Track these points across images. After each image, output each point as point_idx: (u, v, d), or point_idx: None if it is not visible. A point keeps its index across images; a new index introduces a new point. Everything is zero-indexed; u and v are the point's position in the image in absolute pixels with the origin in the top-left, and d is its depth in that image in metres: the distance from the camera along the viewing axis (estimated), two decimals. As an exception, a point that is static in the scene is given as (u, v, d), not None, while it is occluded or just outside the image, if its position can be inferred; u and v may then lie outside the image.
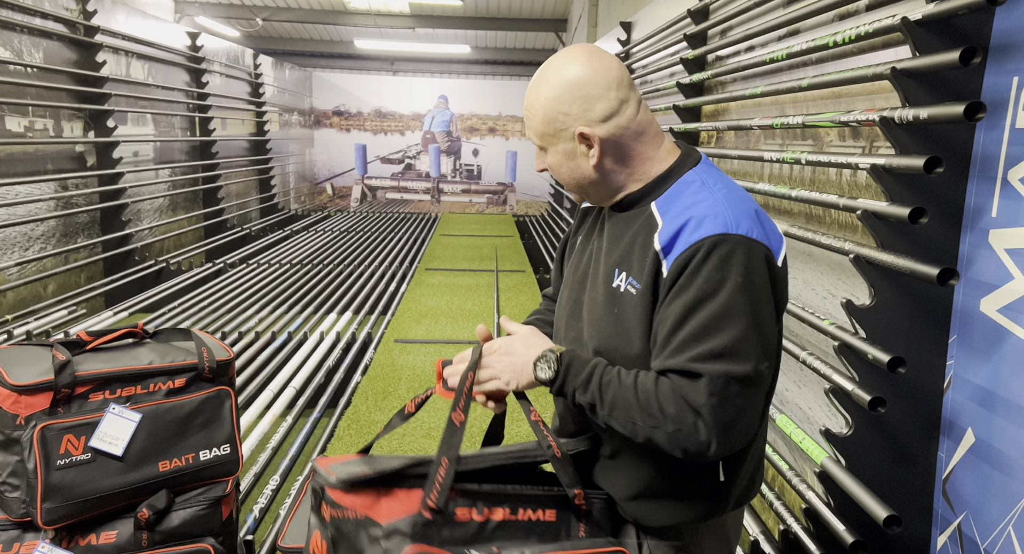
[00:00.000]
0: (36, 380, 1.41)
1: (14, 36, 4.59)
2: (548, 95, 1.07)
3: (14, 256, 4.57)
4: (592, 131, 1.06)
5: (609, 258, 1.11)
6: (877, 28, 1.73)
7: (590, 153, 1.08)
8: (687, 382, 0.98)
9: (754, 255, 0.99)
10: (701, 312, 0.97)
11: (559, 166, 1.12)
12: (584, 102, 1.06)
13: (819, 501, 1.87)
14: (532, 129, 1.12)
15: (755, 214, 1.03)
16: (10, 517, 1.41)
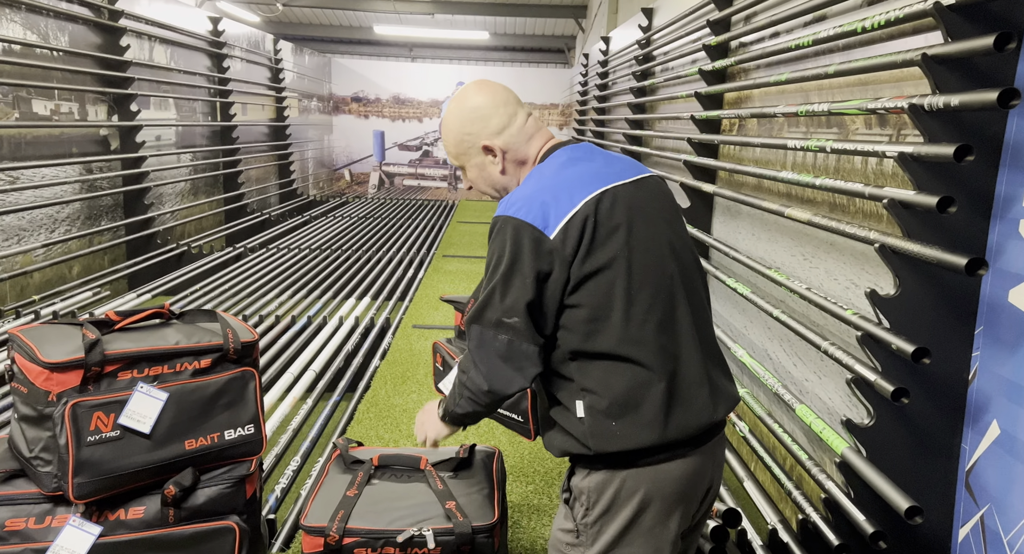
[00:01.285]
0: (67, 358, 1.43)
1: (41, 19, 4.63)
2: (454, 122, 1.37)
3: (40, 238, 4.65)
4: (491, 142, 1.35)
5: None
6: (908, 13, 1.70)
7: (495, 160, 1.37)
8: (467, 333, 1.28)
9: (514, 230, 1.22)
10: (483, 278, 1.29)
11: (477, 178, 1.40)
12: (481, 121, 1.35)
13: (839, 491, 1.86)
14: (450, 154, 1.41)
15: (535, 198, 1.24)
16: (43, 491, 1.44)
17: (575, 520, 1.29)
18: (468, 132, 1.36)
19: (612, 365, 1.22)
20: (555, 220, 1.22)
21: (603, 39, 7.48)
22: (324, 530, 1.62)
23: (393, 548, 1.60)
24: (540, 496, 2.44)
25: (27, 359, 1.44)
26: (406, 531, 1.59)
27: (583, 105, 8.79)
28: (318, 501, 1.73)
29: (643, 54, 5.25)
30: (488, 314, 1.24)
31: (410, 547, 1.60)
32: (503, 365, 1.25)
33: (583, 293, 1.22)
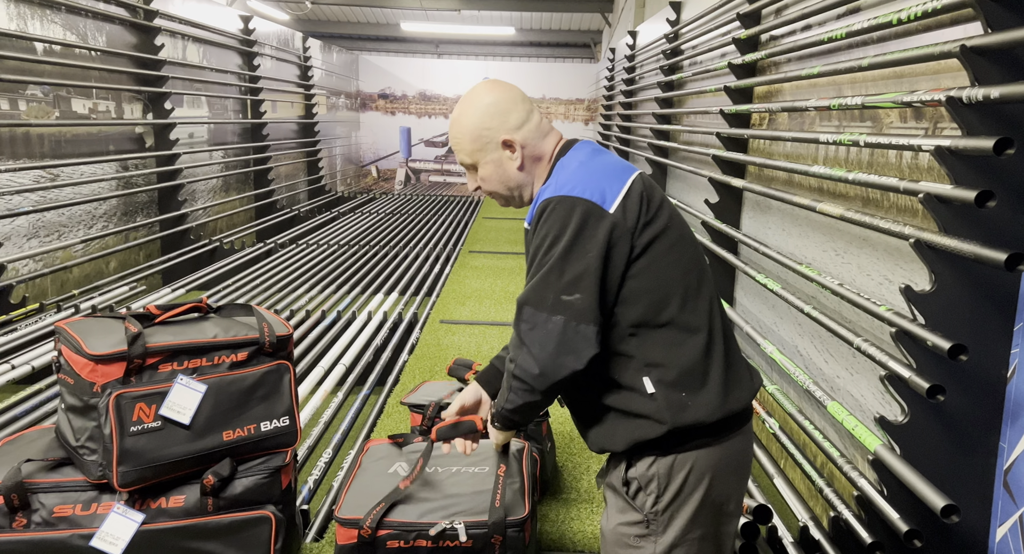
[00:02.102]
0: (111, 350, 1.48)
1: (80, 20, 4.74)
2: (471, 118, 1.35)
3: (79, 234, 4.76)
4: (511, 136, 1.34)
5: (527, 252, 1.35)
6: (946, 4, 1.68)
7: (513, 156, 1.35)
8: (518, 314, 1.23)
9: (573, 208, 1.20)
10: (535, 261, 1.24)
11: (491, 175, 1.37)
12: (501, 115, 1.34)
13: (872, 489, 1.85)
14: (463, 151, 1.37)
15: (585, 177, 1.25)
16: (88, 479, 1.49)
17: (643, 510, 1.27)
18: (487, 127, 1.34)
19: (676, 335, 1.23)
20: (611, 195, 1.23)
21: (630, 33, 7.43)
22: (359, 522, 1.65)
23: (425, 541, 1.62)
24: (568, 491, 2.45)
25: (73, 351, 1.49)
26: (438, 524, 1.62)
27: (609, 100, 8.74)
28: (351, 493, 1.76)
29: (671, 48, 5.21)
30: (544, 293, 1.20)
31: (442, 540, 1.61)
32: (558, 347, 1.19)
33: (644, 262, 1.23)
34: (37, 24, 4.35)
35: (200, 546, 1.55)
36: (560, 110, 13.13)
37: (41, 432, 1.71)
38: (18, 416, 2.91)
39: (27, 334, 3.65)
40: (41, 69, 4.36)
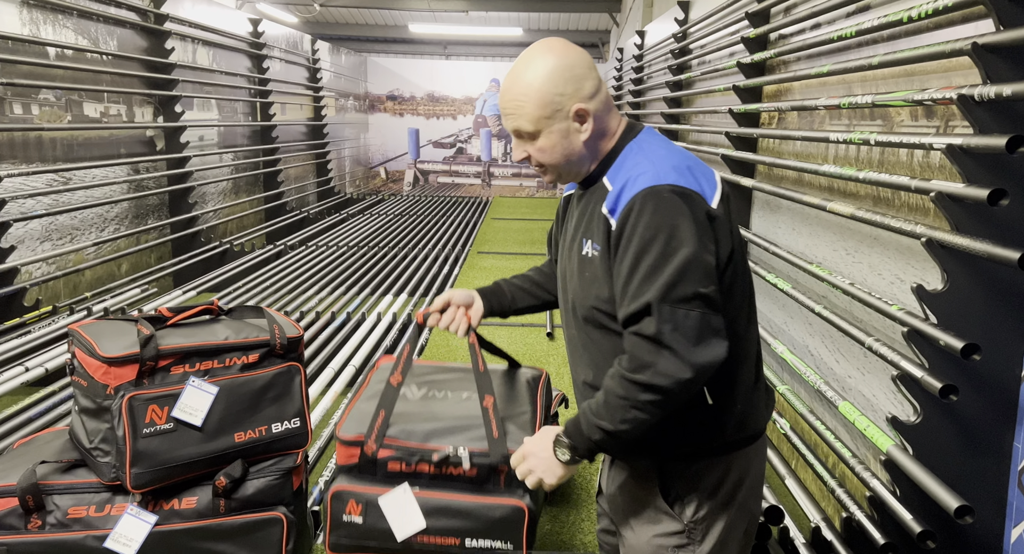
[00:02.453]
0: (124, 353, 1.49)
1: (91, 25, 4.78)
2: (541, 80, 1.18)
3: (91, 237, 4.80)
4: (586, 106, 1.19)
5: (577, 230, 1.26)
6: (956, 2, 1.66)
7: (583, 128, 1.21)
8: (643, 319, 1.10)
9: (682, 198, 1.11)
10: (647, 258, 1.10)
11: (553, 147, 1.21)
12: (576, 82, 1.19)
13: (884, 489, 1.83)
14: (524, 117, 1.20)
15: (685, 167, 1.16)
16: (102, 480, 1.50)
17: (683, 520, 1.23)
18: (560, 92, 1.18)
19: (739, 348, 1.19)
20: (710, 191, 1.16)
21: (638, 33, 7.42)
22: (361, 442, 1.53)
23: (428, 465, 1.52)
24: (577, 491, 2.45)
25: (87, 354, 1.50)
26: (442, 450, 1.51)
27: (617, 100, 8.73)
28: (352, 414, 1.64)
29: (679, 48, 5.20)
30: (685, 288, 1.08)
31: (445, 466, 1.51)
32: (703, 342, 1.09)
33: (729, 273, 1.17)
34: (49, 29, 4.39)
35: (212, 547, 1.56)
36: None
37: (56, 434, 1.72)
38: (32, 418, 2.94)
39: (40, 337, 3.68)
40: (53, 73, 4.40)
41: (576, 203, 1.32)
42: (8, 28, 4.02)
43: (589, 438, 1.15)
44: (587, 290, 1.21)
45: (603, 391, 1.15)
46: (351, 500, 1.50)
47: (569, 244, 1.29)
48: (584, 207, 1.25)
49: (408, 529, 1.48)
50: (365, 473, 1.52)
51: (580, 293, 1.23)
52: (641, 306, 1.09)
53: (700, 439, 1.20)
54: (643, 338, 1.10)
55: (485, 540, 1.48)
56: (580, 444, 1.17)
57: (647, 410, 1.10)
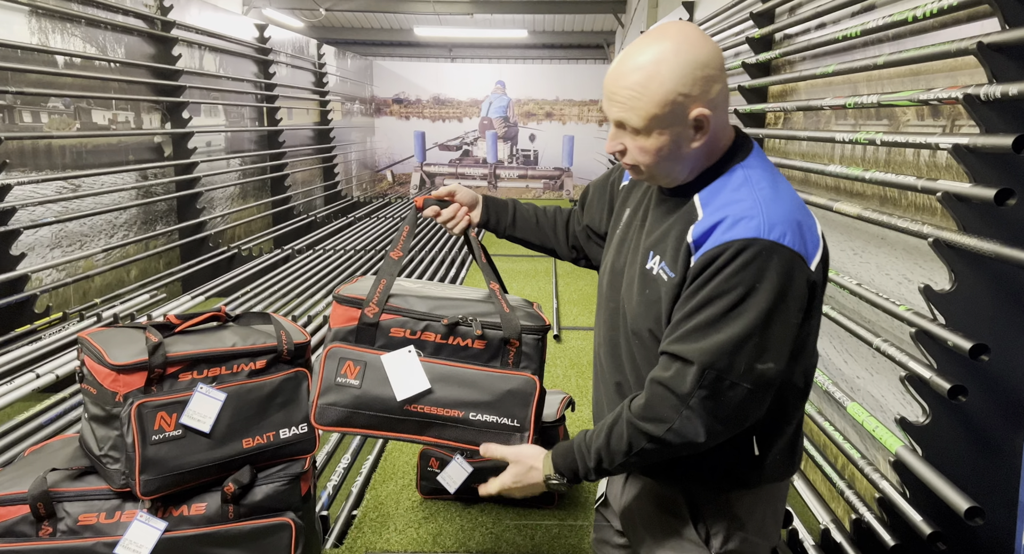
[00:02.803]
0: (132, 360, 1.50)
1: (99, 33, 4.82)
2: (666, 75, 1.00)
3: (100, 243, 4.83)
4: (709, 113, 1.03)
5: (647, 239, 1.14)
6: (962, 1, 1.66)
7: (697, 136, 1.04)
8: (677, 369, 1.02)
9: (781, 261, 0.99)
10: (712, 307, 1.00)
11: (658, 150, 1.05)
12: (706, 83, 1.01)
13: (893, 491, 1.83)
14: (635, 111, 1.02)
15: (793, 219, 1.03)
16: (112, 487, 1.51)
17: (712, 550, 1.18)
18: (685, 93, 1.01)
19: (797, 400, 1.13)
20: (813, 250, 1.04)
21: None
22: (362, 301, 1.39)
23: (434, 334, 1.37)
24: (587, 494, 2.44)
25: (96, 361, 1.51)
26: (452, 317, 1.38)
27: (624, 101, 8.71)
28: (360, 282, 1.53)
29: (684, 48, 5.19)
30: (736, 359, 0.99)
31: (452, 337, 1.37)
32: (734, 416, 1.03)
33: (806, 329, 1.08)
34: (58, 38, 4.42)
35: (222, 552, 1.57)
36: (574, 112, 13.12)
37: (65, 441, 1.74)
38: (43, 424, 2.96)
39: (51, 343, 3.71)
40: (62, 82, 4.44)
41: (649, 202, 1.19)
42: (17, 37, 4.06)
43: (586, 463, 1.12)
44: (647, 309, 1.11)
45: (606, 427, 1.09)
46: (348, 361, 1.36)
47: (632, 246, 1.18)
48: (662, 217, 1.13)
49: (410, 390, 1.34)
50: (364, 339, 1.38)
51: (637, 308, 1.13)
52: (684, 356, 1.01)
53: (738, 474, 1.15)
54: (670, 392, 1.02)
55: (490, 415, 1.33)
56: (586, 466, 1.13)
57: (648, 457, 1.07)
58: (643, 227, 1.17)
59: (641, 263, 1.13)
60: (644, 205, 1.20)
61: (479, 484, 2.31)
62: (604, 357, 1.24)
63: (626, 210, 1.25)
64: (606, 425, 1.09)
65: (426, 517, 2.28)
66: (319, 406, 1.36)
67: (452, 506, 2.33)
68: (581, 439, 1.13)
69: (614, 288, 1.21)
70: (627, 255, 1.19)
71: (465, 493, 2.28)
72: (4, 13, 3.97)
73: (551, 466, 1.16)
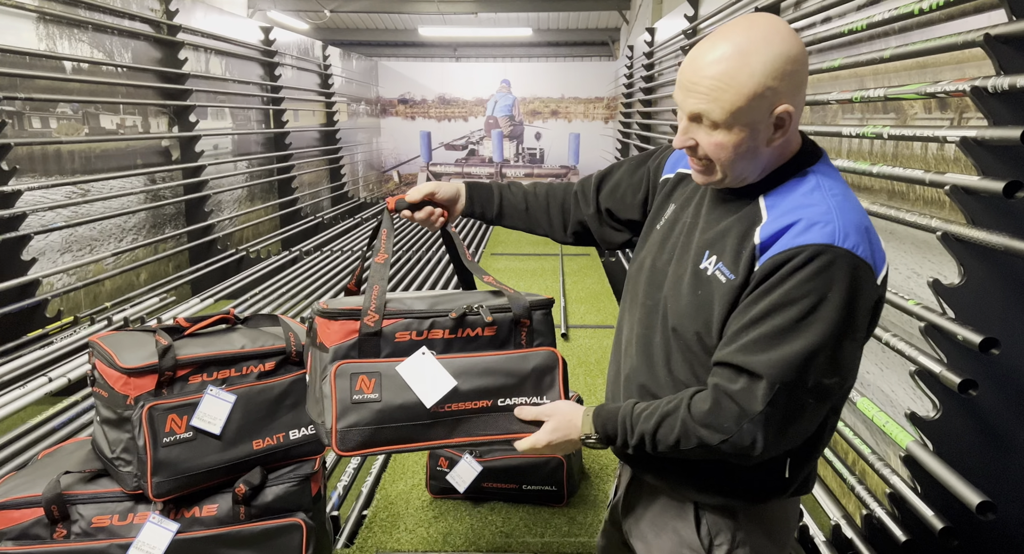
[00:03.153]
0: (143, 363, 1.51)
1: (106, 38, 4.85)
2: (758, 65, 0.95)
3: (110, 247, 4.87)
4: (792, 111, 0.98)
5: (702, 237, 1.08)
6: (967, -7, 1.65)
7: (776, 135, 1.00)
8: (745, 383, 0.97)
9: (853, 272, 0.95)
10: (780, 315, 0.95)
11: (736, 146, 0.99)
12: (793, 79, 0.97)
13: (904, 486, 1.82)
14: (719, 102, 0.97)
15: (865, 229, 0.99)
16: (124, 489, 1.52)
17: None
18: (775, 88, 0.96)
19: (831, 417, 1.09)
20: (880, 263, 1.00)
21: (648, 30, 7.39)
22: (358, 312, 1.28)
23: (442, 330, 1.30)
24: (596, 492, 2.44)
25: (107, 365, 1.53)
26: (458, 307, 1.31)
27: (629, 97, 8.71)
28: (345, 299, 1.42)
29: (689, 44, 5.18)
30: (806, 375, 0.95)
31: (461, 329, 1.30)
32: (794, 430, 1.00)
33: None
34: (66, 43, 4.45)
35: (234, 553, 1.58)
36: (580, 109, 13.10)
37: (78, 444, 1.75)
38: (56, 428, 2.99)
39: (63, 347, 3.74)
40: (71, 87, 4.47)
41: (701, 200, 1.14)
42: (26, 44, 4.09)
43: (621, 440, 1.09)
44: (696, 310, 1.06)
45: (658, 414, 1.05)
46: (361, 376, 1.23)
47: (682, 244, 1.13)
48: (720, 216, 1.08)
49: (438, 392, 1.25)
50: (368, 352, 1.26)
51: (685, 308, 1.08)
52: (753, 369, 0.96)
53: (756, 492, 1.12)
54: (737, 405, 0.97)
55: (519, 397, 1.26)
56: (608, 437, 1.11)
57: (691, 456, 1.05)
58: (695, 226, 1.12)
59: (693, 262, 1.08)
60: (695, 203, 1.15)
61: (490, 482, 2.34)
62: (634, 356, 1.19)
63: (669, 206, 1.20)
64: (658, 412, 1.05)
65: (436, 516, 2.28)
66: (340, 431, 1.21)
67: (462, 505, 2.34)
68: (628, 412, 1.09)
69: (654, 286, 1.15)
70: (673, 253, 1.14)
71: (475, 492, 2.29)
72: (12, 20, 4.00)
73: (591, 425, 1.13)
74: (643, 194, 1.30)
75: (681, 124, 1.04)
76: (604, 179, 1.37)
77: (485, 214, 1.43)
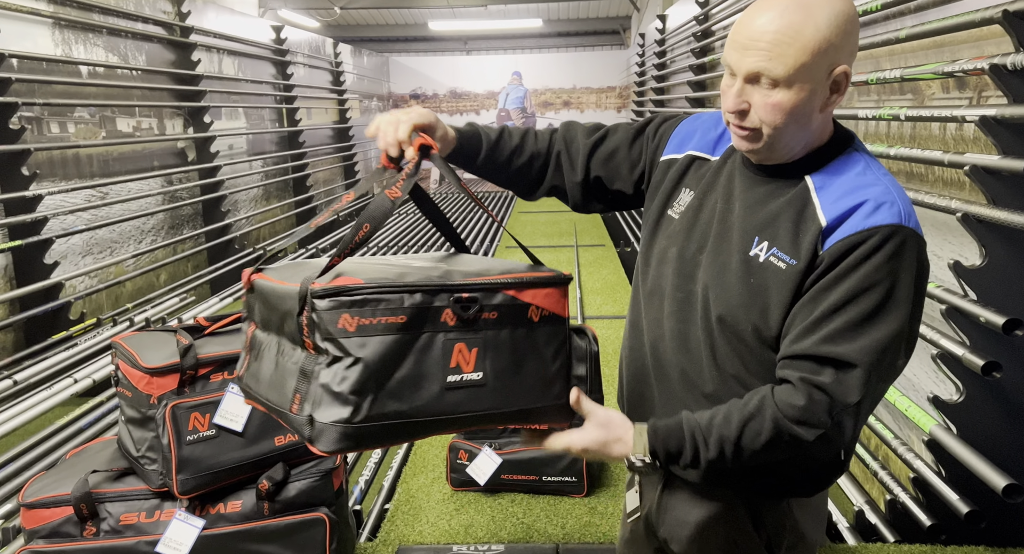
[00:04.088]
0: (165, 363, 1.53)
1: (120, 42, 4.89)
2: (824, 21, 0.91)
3: (130, 249, 4.93)
4: (849, 74, 0.95)
5: (745, 223, 1.03)
6: (984, -31, 1.62)
7: (831, 99, 0.96)
8: (837, 373, 0.93)
9: (920, 252, 0.95)
10: (864, 301, 0.92)
11: (794, 107, 0.94)
12: (850, 39, 0.94)
13: (928, 470, 1.80)
14: (782, 57, 0.92)
15: (910, 204, 0.98)
16: (150, 487, 1.55)
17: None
18: (836, 45, 0.92)
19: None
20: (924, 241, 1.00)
21: (659, 18, 7.33)
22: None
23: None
24: (617, 482, 2.45)
25: (130, 365, 1.55)
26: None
27: (641, 86, 8.65)
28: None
29: (702, 30, 5.13)
30: (891, 357, 0.94)
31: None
32: (867, 418, 0.99)
33: None
34: (81, 48, 4.50)
35: (259, 549, 1.60)
36: (592, 99, 13.03)
37: (104, 444, 1.78)
38: (83, 428, 3.04)
39: (87, 348, 3.80)
40: (87, 91, 4.52)
41: (731, 184, 1.08)
42: (42, 50, 4.14)
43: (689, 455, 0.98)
44: (751, 299, 1.00)
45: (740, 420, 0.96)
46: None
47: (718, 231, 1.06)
48: (762, 199, 1.03)
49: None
50: None
51: (737, 298, 1.01)
52: (846, 359, 0.92)
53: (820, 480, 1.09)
54: (831, 397, 0.92)
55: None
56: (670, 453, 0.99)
57: (776, 457, 0.98)
58: (729, 211, 1.06)
59: (740, 250, 1.02)
60: (722, 187, 1.08)
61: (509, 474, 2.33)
62: (671, 352, 1.10)
63: (683, 190, 1.13)
64: (737, 417, 0.96)
65: (457, 509, 2.30)
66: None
67: (483, 497, 2.35)
68: (695, 424, 0.98)
69: (684, 276, 1.08)
70: (706, 241, 1.07)
71: (495, 484, 2.30)
72: (28, 26, 4.05)
73: (644, 445, 0.99)
74: (641, 169, 1.22)
75: (734, 87, 0.98)
76: (596, 146, 1.24)
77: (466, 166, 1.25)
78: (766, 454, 0.96)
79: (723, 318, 1.02)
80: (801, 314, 0.96)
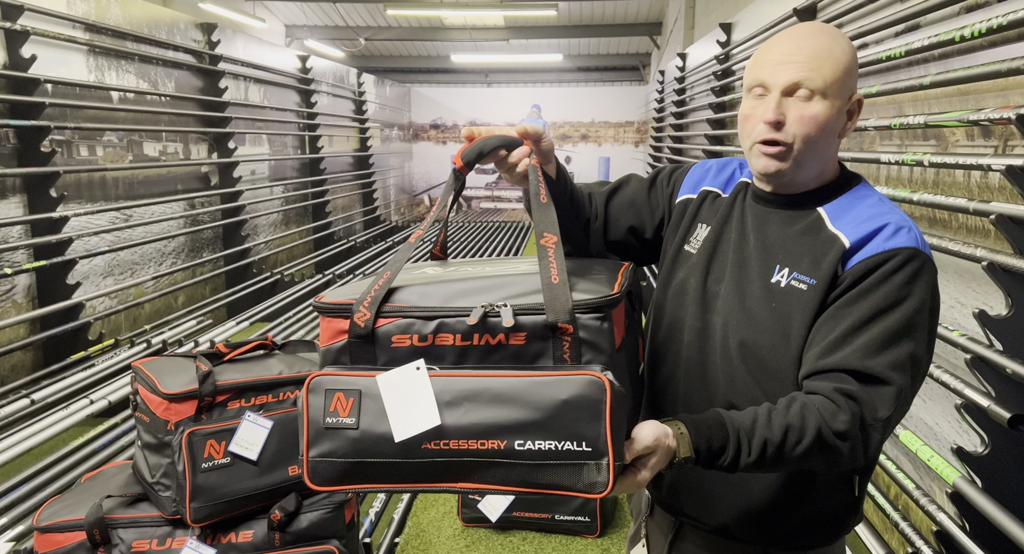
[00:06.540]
0: (183, 389, 1.53)
1: (151, 68, 5.01)
2: (847, 47, 1.02)
3: (150, 271, 4.98)
4: (863, 100, 1.06)
5: (762, 253, 1.07)
6: (1012, 20, 1.62)
7: (848, 125, 1.06)
8: (868, 387, 0.94)
9: (934, 277, 1.00)
10: (889, 317, 0.96)
11: (826, 120, 1.00)
12: (855, 75, 1.05)
13: (952, 523, 1.76)
14: (820, 70, 0.99)
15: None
16: (163, 514, 1.54)
17: None
18: (853, 71, 1.04)
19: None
20: None
21: (679, 55, 7.41)
22: (350, 307, 0.96)
23: (452, 335, 0.93)
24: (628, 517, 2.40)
25: (149, 390, 1.55)
26: (475, 309, 0.93)
27: (659, 122, 8.71)
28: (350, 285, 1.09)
29: (722, 69, 5.18)
30: (915, 375, 0.97)
31: (478, 334, 0.93)
32: (887, 437, 1.00)
33: None
34: (113, 74, 4.61)
35: (268, 580, 1.58)
36: (610, 133, 13.13)
37: (120, 468, 1.78)
38: (98, 449, 3.04)
39: (104, 369, 3.82)
40: (117, 116, 4.62)
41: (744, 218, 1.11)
42: (76, 75, 4.25)
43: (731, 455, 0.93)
44: (774, 323, 1.02)
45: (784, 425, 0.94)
46: (337, 393, 0.92)
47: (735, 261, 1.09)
48: (778, 229, 1.07)
49: (413, 425, 0.89)
50: (360, 358, 0.96)
51: (759, 323, 1.03)
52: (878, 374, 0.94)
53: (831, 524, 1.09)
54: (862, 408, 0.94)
55: (545, 440, 0.88)
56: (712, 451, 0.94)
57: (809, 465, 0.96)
58: (744, 242, 1.10)
59: (761, 277, 1.05)
60: (736, 220, 1.12)
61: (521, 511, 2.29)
62: (693, 381, 1.11)
63: (699, 226, 1.16)
64: (779, 421, 0.94)
65: (468, 545, 2.26)
66: (310, 461, 0.92)
67: (493, 534, 2.32)
68: (740, 423, 0.94)
69: (702, 306, 1.10)
70: (723, 272, 1.10)
71: (506, 521, 2.27)
72: (64, 53, 4.17)
73: (690, 445, 0.93)
74: (660, 214, 1.24)
75: (771, 100, 1.01)
76: (612, 194, 1.26)
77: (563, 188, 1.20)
78: (801, 462, 0.95)
79: (744, 342, 1.05)
80: (824, 328, 0.99)
